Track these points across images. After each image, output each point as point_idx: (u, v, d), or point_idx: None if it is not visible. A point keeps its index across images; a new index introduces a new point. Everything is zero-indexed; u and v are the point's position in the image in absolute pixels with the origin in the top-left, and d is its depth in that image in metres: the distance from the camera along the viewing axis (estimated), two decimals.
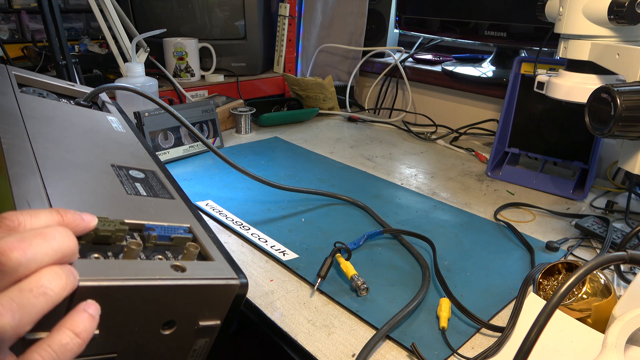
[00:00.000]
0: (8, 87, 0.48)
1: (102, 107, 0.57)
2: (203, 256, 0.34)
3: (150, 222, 0.34)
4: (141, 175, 0.41)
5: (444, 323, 0.48)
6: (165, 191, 0.41)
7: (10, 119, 0.41)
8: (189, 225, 0.36)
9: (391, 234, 0.66)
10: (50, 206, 0.31)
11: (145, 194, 0.38)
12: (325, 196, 0.76)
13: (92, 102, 0.56)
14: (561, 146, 0.86)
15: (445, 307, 0.50)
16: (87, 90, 0.57)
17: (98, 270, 0.27)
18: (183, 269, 0.30)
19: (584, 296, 0.47)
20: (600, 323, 0.46)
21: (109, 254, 0.29)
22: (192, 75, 1.22)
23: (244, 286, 0.33)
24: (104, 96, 0.59)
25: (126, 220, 0.31)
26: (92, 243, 0.29)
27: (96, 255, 0.28)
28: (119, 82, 0.94)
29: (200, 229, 0.37)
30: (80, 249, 0.27)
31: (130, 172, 0.41)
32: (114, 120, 0.51)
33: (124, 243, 0.30)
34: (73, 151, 0.39)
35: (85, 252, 0.29)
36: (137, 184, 0.39)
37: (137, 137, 0.49)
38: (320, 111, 1.25)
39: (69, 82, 0.57)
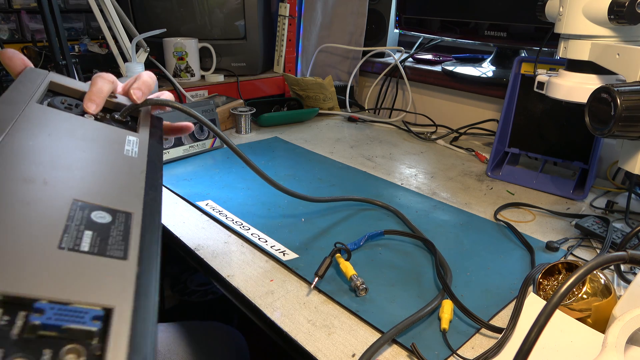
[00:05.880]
0: (27, 95, 0.42)
1: (138, 122, 0.50)
2: None
3: (46, 299, 0.24)
4: (106, 219, 0.32)
5: (445, 325, 0.48)
6: (122, 246, 0.30)
7: None
8: (111, 307, 0.25)
9: (392, 234, 0.66)
10: None
11: (86, 249, 0.28)
12: (357, 201, 0.76)
13: (130, 116, 0.49)
14: (561, 146, 0.86)
15: (447, 309, 0.49)
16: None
17: None
18: None
19: (584, 296, 0.47)
20: (600, 323, 0.46)
21: None
22: (192, 75, 1.22)
23: None
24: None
25: (10, 292, 0.23)
26: None
27: None
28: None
29: (128, 314, 0.26)
30: None
31: (94, 213, 0.32)
32: (133, 142, 0.44)
33: None
34: (34, 180, 0.32)
35: None
36: (87, 232, 0.30)
37: (149, 166, 0.41)
38: (320, 111, 1.25)
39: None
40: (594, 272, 0.45)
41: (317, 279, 0.54)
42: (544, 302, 0.39)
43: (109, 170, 0.37)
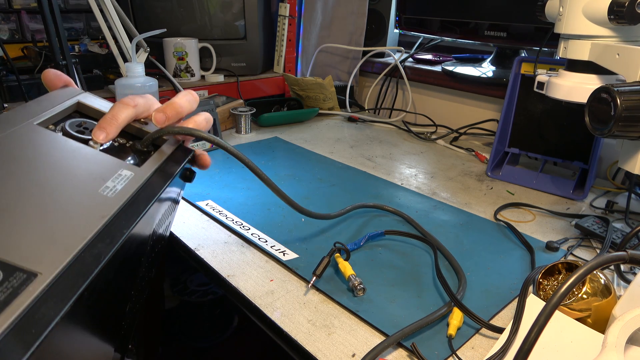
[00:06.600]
0: (28, 115, 0.37)
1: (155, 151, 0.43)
2: None
3: None
4: None
5: (452, 331, 0.47)
6: None
7: None
8: None
9: (393, 234, 0.66)
10: None
11: None
12: (369, 208, 0.74)
13: (154, 145, 0.44)
14: (561, 146, 0.86)
15: (457, 315, 0.49)
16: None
17: None
18: None
19: (584, 296, 0.47)
20: (600, 323, 0.46)
21: None
22: (192, 75, 1.22)
23: None
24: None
25: None
26: None
27: None
28: (118, 82, 0.94)
29: None
30: None
31: None
32: (123, 177, 0.36)
33: None
34: None
35: None
36: None
37: (123, 209, 0.34)
38: (320, 111, 1.25)
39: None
40: (594, 272, 0.44)
41: (314, 278, 0.54)
42: (544, 303, 0.39)
43: (53, 211, 0.30)
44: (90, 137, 0.39)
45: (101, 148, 0.39)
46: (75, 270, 0.27)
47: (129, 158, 0.40)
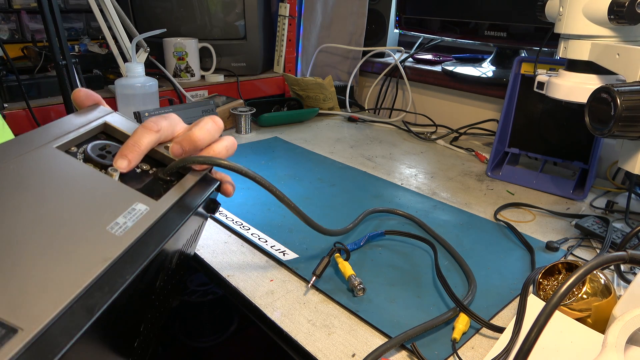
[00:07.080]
0: (48, 137, 0.35)
1: (180, 180, 0.40)
2: None
3: None
4: None
5: (457, 335, 0.47)
6: None
7: None
8: None
9: (393, 235, 0.66)
10: None
11: None
12: (379, 212, 0.73)
13: (179, 173, 0.41)
14: (561, 146, 0.86)
15: (463, 320, 0.49)
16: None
17: None
18: None
19: (584, 296, 0.47)
20: (600, 323, 0.46)
21: None
22: (192, 75, 1.22)
23: None
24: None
25: None
26: None
27: None
28: (118, 83, 0.94)
29: None
30: None
31: None
32: (136, 213, 0.33)
33: None
34: None
35: None
36: None
37: (130, 250, 0.30)
38: (320, 111, 1.25)
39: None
40: (594, 272, 0.45)
41: (314, 278, 0.54)
42: (544, 303, 0.39)
43: (51, 251, 0.27)
44: (111, 163, 0.37)
45: (120, 176, 0.36)
46: (61, 326, 0.24)
47: (148, 188, 0.37)
